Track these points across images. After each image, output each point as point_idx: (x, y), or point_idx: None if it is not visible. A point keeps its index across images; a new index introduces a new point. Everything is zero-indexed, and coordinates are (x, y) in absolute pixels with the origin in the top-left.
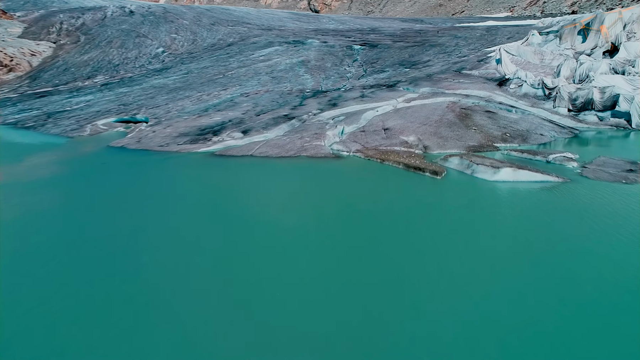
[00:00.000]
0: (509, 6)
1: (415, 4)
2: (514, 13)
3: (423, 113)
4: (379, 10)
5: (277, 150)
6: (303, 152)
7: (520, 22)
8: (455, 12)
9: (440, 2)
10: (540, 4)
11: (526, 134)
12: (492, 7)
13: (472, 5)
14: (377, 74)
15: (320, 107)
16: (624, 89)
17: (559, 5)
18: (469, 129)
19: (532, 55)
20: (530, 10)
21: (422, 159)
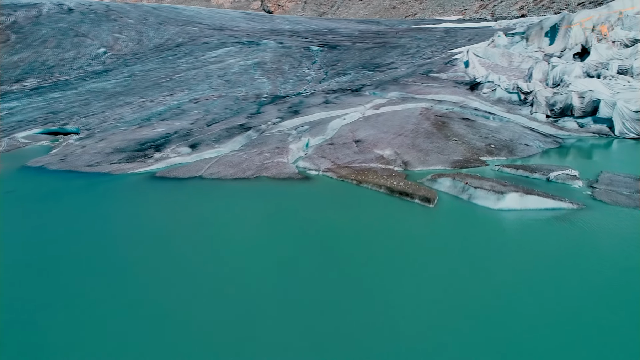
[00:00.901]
0: (460, 9)
1: (369, 6)
2: (465, 16)
3: (396, 121)
4: (332, 11)
5: (232, 170)
6: (263, 172)
7: (476, 24)
8: (409, 15)
9: (394, 5)
10: (490, 7)
11: (511, 144)
12: (444, 10)
13: (425, 7)
14: (339, 77)
15: (280, 115)
16: (604, 94)
17: (508, 8)
18: (449, 139)
19: (500, 58)
20: (480, 13)
21: (404, 180)
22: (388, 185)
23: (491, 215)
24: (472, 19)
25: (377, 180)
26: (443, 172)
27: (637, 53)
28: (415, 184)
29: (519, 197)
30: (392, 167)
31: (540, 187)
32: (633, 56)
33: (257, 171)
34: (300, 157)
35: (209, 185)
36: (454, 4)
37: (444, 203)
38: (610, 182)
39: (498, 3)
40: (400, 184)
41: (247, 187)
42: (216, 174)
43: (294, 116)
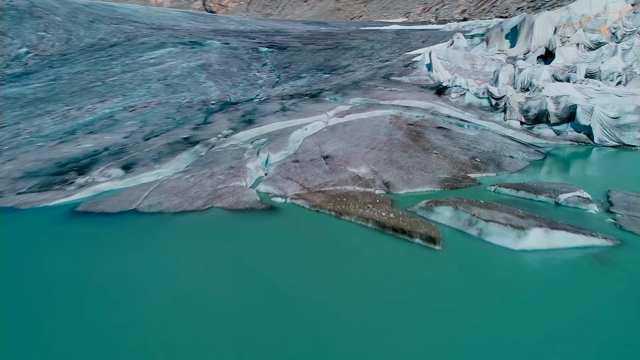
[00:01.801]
0: (404, 12)
1: (314, 8)
2: (409, 19)
3: (366, 132)
4: (277, 12)
5: (176, 200)
6: (217, 201)
7: (426, 26)
8: (354, 17)
9: (339, 7)
10: (433, 10)
11: (495, 157)
12: (389, 13)
13: (370, 10)
14: (293, 81)
15: (232, 125)
16: (579, 99)
17: (450, 12)
18: (428, 153)
19: (463, 60)
20: (424, 16)
21: (393, 210)
22: (377, 218)
23: (514, 260)
24: (417, 22)
25: (362, 212)
26: (438, 199)
27: (602, 56)
28: (409, 217)
29: (543, 234)
30: (372, 189)
31: (550, 212)
32: (599, 59)
33: (209, 200)
34: (260, 178)
35: (146, 223)
36: (398, 7)
37: (450, 243)
38: (628, 206)
39: (441, 7)
40: (392, 217)
41: (197, 224)
42: (156, 206)
43: (249, 127)
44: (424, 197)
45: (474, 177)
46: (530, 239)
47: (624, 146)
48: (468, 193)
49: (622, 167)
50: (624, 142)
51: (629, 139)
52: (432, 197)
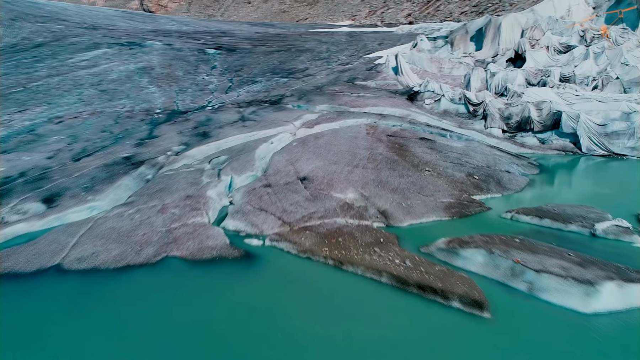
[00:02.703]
0: (350, 15)
1: (258, 10)
2: (355, 22)
3: (343, 145)
4: (220, 14)
5: (117, 250)
6: (173, 248)
7: (377, 29)
8: (300, 19)
9: (284, 9)
10: (378, 14)
11: (492, 173)
12: (335, 16)
13: (315, 12)
14: (248, 86)
15: (183, 139)
16: (562, 106)
17: (396, 15)
18: (419, 170)
19: (429, 63)
20: (370, 19)
21: (401, 249)
22: (394, 271)
23: (588, 329)
24: (364, 25)
25: (369, 261)
26: (462, 238)
27: (574, 60)
28: (432, 264)
29: (618, 290)
30: (368, 221)
31: (589, 247)
32: (571, 63)
33: (162, 247)
34: (225, 209)
35: (75, 290)
36: (344, 9)
37: (495, 304)
38: None
39: (386, 10)
40: (409, 266)
41: (146, 286)
42: (89, 260)
43: (204, 141)
44: (432, 229)
45: (479, 200)
46: (604, 297)
47: (614, 155)
48: (480, 221)
49: (629, 181)
50: (614, 151)
51: (619, 147)
52: (441, 228)
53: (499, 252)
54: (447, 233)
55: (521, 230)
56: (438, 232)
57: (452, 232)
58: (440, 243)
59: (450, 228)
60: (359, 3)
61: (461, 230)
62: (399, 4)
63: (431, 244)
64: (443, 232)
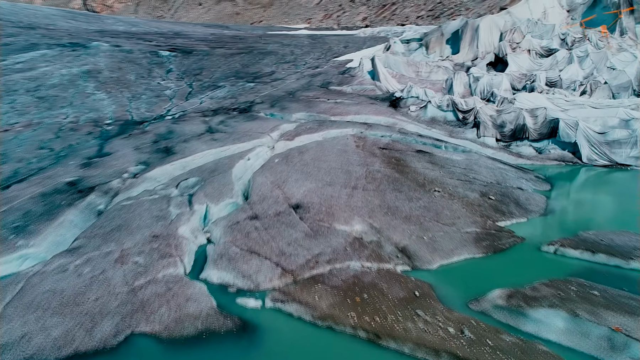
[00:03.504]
0: (305, 18)
1: (210, 12)
2: (311, 25)
3: (333, 161)
4: (170, 15)
5: (58, 329)
6: (139, 322)
7: (338, 32)
8: (254, 22)
9: (237, 11)
10: (334, 17)
11: (506, 191)
12: (290, 19)
13: (270, 15)
14: (211, 91)
15: (142, 157)
16: (559, 113)
17: (352, 19)
18: (428, 190)
19: (405, 67)
20: (326, 23)
21: (448, 309)
22: (458, 351)
23: None
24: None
25: (418, 334)
26: (525, 292)
27: (558, 64)
28: (504, 335)
29: None
30: (390, 264)
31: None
32: (555, 67)
33: (124, 320)
34: (202, 248)
35: None
36: (299, 13)
37: None
38: None
39: (342, 14)
40: (470, 337)
41: None
42: (18, 347)
43: (167, 159)
44: (467, 271)
45: (507, 228)
46: None
47: (616, 166)
48: (520, 257)
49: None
50: (617, 160)
51: (622, 157)
52: (479, 269)
53: (585, 313)
54: (489, 276)
55: (575, 270)
56: (477, 276)
57: (493, 275)
58: (496, 298)
59: (488, 268)
60: (314, 6)
61: (503, 272)
62: (355, 8)
63: (482, 298)
64: (483, 274)
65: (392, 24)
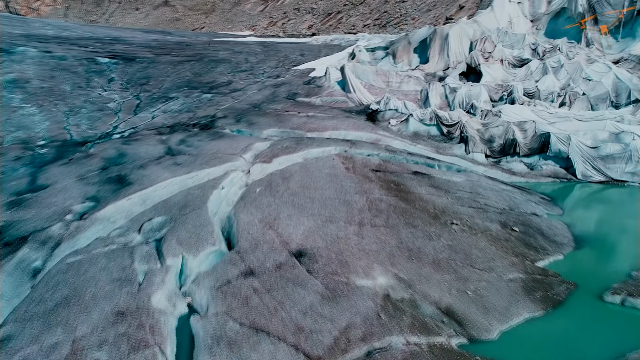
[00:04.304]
0: (249, 25)
1: (148, 17)
2: (256, 32)
3: (326, 189)
4: (104, 20)
5: None
6: None
7: (292, 39)
8: (195, 28)
9: (177, 17)
10: (279, 24)
11: (526, 220)
12: (233, 25)
13: (212, 22)
14: (162, 104)
15: (88, 190)
16: (548, 126)
17: (298, 27)
18: (443, 223)
19: (375, 77)
20: (271, 30)
21: None
22: None
23: None
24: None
25: None
26: None
27: (532, 74)
28: None
29: None
30: (442, 338)
31: None
32: (529, 77)
33: None
34: (182, 322)
35: None
36: (242, 19)
37: None
38: None
39: (287, 21)
40: None
41: None
42: None
43: (122, 191)
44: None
45: (551, 270)
46: None
47: (612, 182)
48: (585, 312)
49: None
50: (612, 176)
51: (617, 172)
52: (546, 333)
53: None
54: (571, 345)
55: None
56: (558, 347)
57: (575, 343)
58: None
59: (562, 334)
60: (258, 13)
61: (584, 338)
62: (300, 16)
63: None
64: (562, 343)
65: (339, 32)
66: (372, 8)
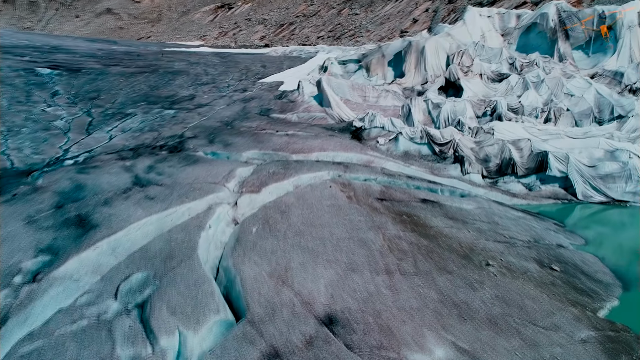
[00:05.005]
0: (199, 35)
1: (90, 25)
2: (206, 42)
3: (334, 226)
4: (40, 27)
5: None
6: None
7: (249, 50)
8: (141, 37)
9: (121, 25)
10: (230, 35)
11: (559, 256)
12: (182, 35)
13: (159, 31)
14: (119, 121)
15: (42, 238)
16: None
17: (249, 37)
18: (477, 265)
19: (351, 91)
20: (222, 40)
21: None
22: None
23: None
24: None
25: None
26: None
27: (513, 90)
28: None
29: None
30: None
31: None
32: (510, 92)
33: None
34: None
35: None
36: (191, 29)
37: None
38: None
39: (238, 32)
40: None
41: None
42: None
43: (85, 239)
44: None
45: (620, 324)
46: None
47: (614, 202)
48: None
49: None
50: (614, 196)
51: (618, 192)
52: None
53: None
54: None
55: None
56: None
57: None
58: None
59: None
60: (208, 23)
61: None
62: (251, 27)
63: None
64: None
65: (293, 43)
66: (325, 20)
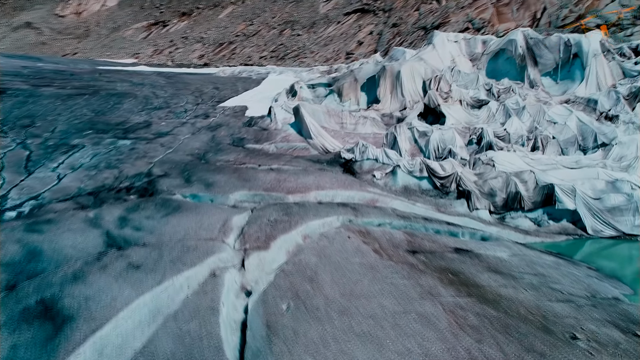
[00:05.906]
0: (131, 53)
1: (6, 40)
2: (139, 60)
3: (381, 297)
4: None
5: None
6: None
7: (195, 70)
8: (67, 53)
9: (43, 41)
10: (166, 53)
11: (627, 313)
12: (112, 52)
13: (87, 47)
14: (64, 155)
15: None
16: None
17: (187, 56)
18: (568, 343)
19: (327, 118)
20: (158, 58)
21: None
22: None
23: None
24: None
25: None
26: None
27: (494, 117)
28: None
29: None
30: None
31: None
32: (492, 120)
33: None
34: None
35: None
36: (123, 46)
37: None
38: None
39: (174, 50)
40: None
41: None
42: None
43: (61, 340)
44: None
45: None
46: None
47: (624, 236)
48: None
49: None
50: (624, 230)
51: (627, 226)
52: None
53: None
54: None
55: None
56: None
57: None
58: None
59: None
60: (141, 40)
61: None
62: (189, 45)
63: None
64: None
65: (235, 63)
66: (266, 40)
